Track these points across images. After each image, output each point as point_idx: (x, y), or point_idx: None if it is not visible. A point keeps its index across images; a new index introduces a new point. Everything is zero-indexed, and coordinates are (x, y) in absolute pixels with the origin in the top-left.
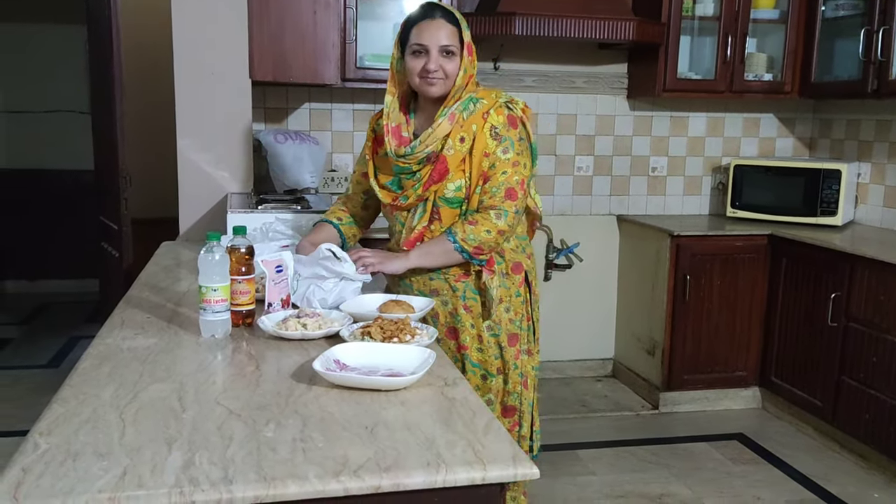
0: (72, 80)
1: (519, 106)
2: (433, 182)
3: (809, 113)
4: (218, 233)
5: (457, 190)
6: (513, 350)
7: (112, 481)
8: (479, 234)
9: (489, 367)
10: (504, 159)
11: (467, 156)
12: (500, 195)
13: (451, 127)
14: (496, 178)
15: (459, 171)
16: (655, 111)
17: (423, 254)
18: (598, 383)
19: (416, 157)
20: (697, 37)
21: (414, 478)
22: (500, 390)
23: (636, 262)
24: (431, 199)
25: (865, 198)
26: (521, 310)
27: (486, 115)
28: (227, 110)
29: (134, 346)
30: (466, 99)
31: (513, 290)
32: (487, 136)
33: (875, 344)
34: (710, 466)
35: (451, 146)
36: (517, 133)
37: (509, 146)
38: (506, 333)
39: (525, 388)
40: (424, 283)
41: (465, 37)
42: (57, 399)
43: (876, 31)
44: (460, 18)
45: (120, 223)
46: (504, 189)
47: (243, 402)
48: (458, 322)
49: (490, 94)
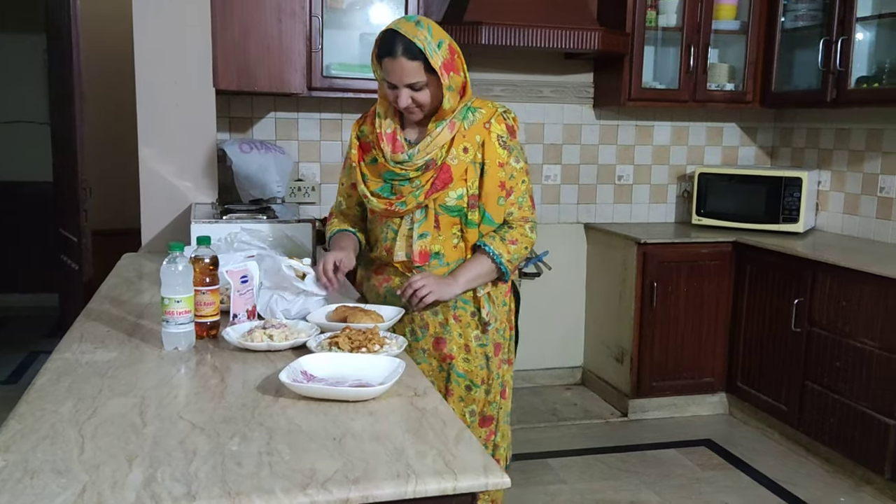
0: (31, 89)
1: (511, 116)
2: (436, 190)
3: (771, 122)
4: (181, 243)
5: (458, 198)
6: (497, 360)
7: (71, 499)
8: (520, 253)
9: (474, 377)
10: (518, 168)
11: (469, 166)
12: (528, 205)
13: (452, 135)
14: (518, 188)
15: (461, 181)
16: (621, 120)
17: (471, 279)
18: (568, 391)
19: (414, 165)
20: (661, 47)
21: (383, 489)
22: (482, 400)
23: (604, 270)
24: (432, 207)
25: (826, 205)
26: (506, 319)
27: (489, 125)
28: (191, 119)
29: (94, 360)
30: (464, 108)
31: (499, 300)
32: (497, 146)
33: (838, 349)
34: (679, 473)
35: (455, 155)
36: (517, 143)
37: (518, 155)
38: (492, 343)
39: (503, 397)
40: None
41: (434, 63)
42: (14, 415)
43: (834, 41)
44: (424, 47)
45: (80, 235)
46: (529, 198)
47: (207, 416)
48: (447, 332)
49: (486, 103)
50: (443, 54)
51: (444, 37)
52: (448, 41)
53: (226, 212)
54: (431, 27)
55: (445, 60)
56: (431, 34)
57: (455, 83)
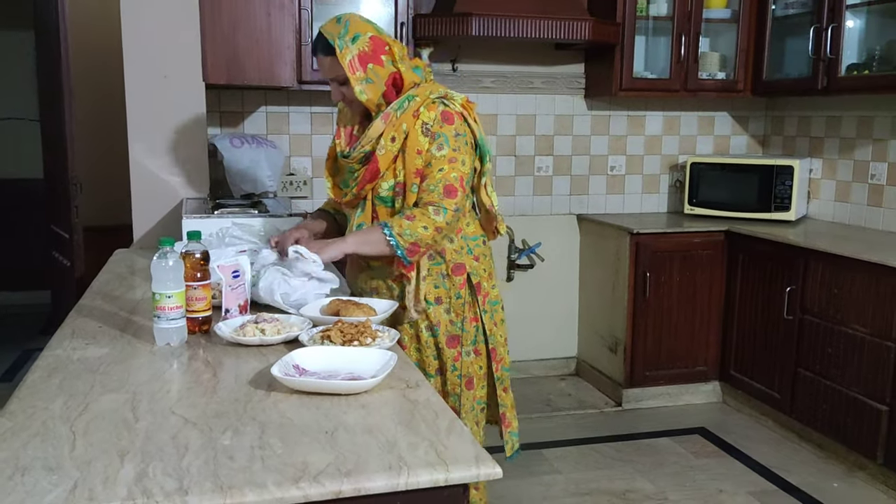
0: (20, 86)
1: (457, 101)
2: (366, 181)
3: (762, 111)
4: (171, 238)
5: (389, 189)
6: (451, 351)
7: (62, 495)
8: (415, 230)
9: (427, 367)
10: (439, 156)
11: (399, 154)
12: (439, 191)
13: (385, 126)
14: (433, 176)
15: (391, 171)
16: (612, 110)
17: (360, 242)
18: (562, 382)
19: (356, 157)
20: (652, 36)
21: (375, 481)
22: (440, 391)
23: (597, 260)
24: (370, 198)
25: (817, 193)
26: (463, 311)
27: (417, 113)
28: (181, 114)
29: (85, 356)
30: (403, 98)
31: (453, 292)
32: (419, 134)
33: (830, 336)
34: (673, 461)
35: (383, 146)
36: (453, 129)
37: (444, 142)
38: (444, 334)
39: (467, 388)
40: (366, 281)
41: (342, 59)
42: (4, 413)
43: (825, 28)
44: (334, 42)
45: (71, 231)
46: (442, 186)
47: (199, 411)
48: (397, 322)
49: (425, 90)
50: (358, 47)
51: (365, 30)
52: (371, 34)
53: (217, 206)
54: (350, 22)
55: (362, 53)
56: (348, 29)
57: (378, 74)
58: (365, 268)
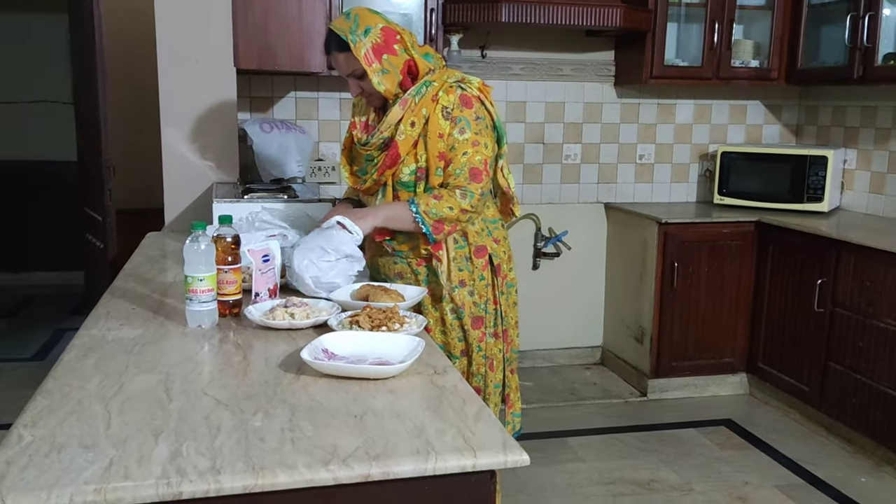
0: (54, 69)
1: (474, 85)
2: (386, 167)
3: (796, 100)
4: (203, 222)
5: (411, 174)
6: (476, 332)
7: (98, 473)
8: (441, 209)
9: (452, 349)
10: (462, 140)
11: (420, 139)
12: (465, 175)
13: (404, 112)
14: (458, 160)
15: (412, 156)
16: (642, 98)
17: (388, 217)
18: (587, 371)
19: (374, 144)
20: (684, 23)
21: (404, 466)
22: (465, 372)
23: (624, 249)
24: (390, 184)
25: (851, 184)
26: (486, 293)
27: (437, 98)
28: (212, 99)
29: (119, 336)
30: (420, 84)
31: (476, 274)
32: (440, 118)
33: (861, 329)
34: (699, 452)
35: (403, 131)
36: (473, 112)
37: (465, 126)
38: (469, 316)
39: (491, 370)
40: (389, 266)
41: (357, 52)
42: (41, 391)
43: (862, 17)
44: (347, 37)
45: (104, 214)
46: (468, 169)
47: (231, 392)
48: (422, 304)
49: (443, 75)
50: (371, 39)
51: (375, 22)
52: (381, 25)
53: (247, 191)
54: (359, 16)
55: (375, 44)
56: (358, 23)
57: (393, 64)
58: (386, 253)
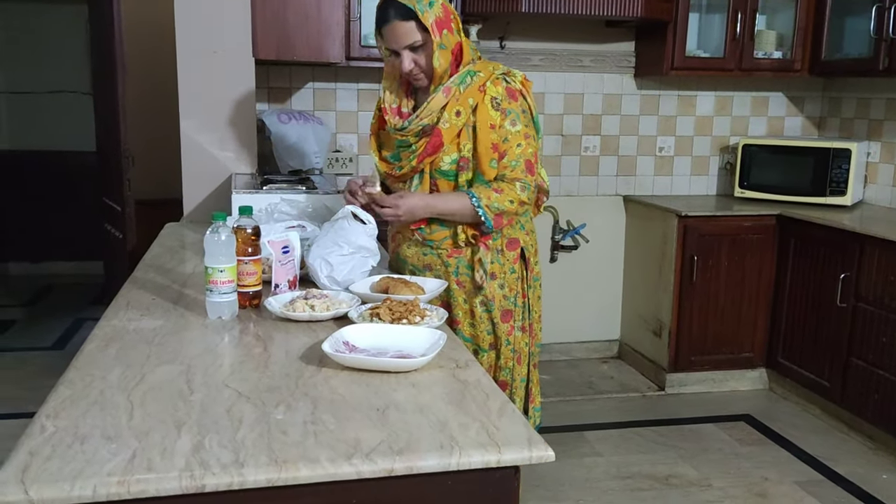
0: (73, 60)
1: (517, 78)
2: (427, 154)
3: (819, 91)
4: (224, 213)
5: (452, 163)
6: (505, 326)
7: (121, 464)
8: (503, 203)
9: (481, 342)
10: (514, 132)
11: (464, 129)
12: (521, 167)
13: (447, 100)
14: (513, 151)
15: (454, 145)
16: (663, 90)
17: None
18: (605, 364)
19: (412, 130)
20: (706, 14)
21: (427, 460)
22: (493, 365)
23: (643, 243)
24: (428, 171)
25: (875, 177)
26: (516, 286)
27: (484, 88)
28: (231, 90)
29: (140, 327)
30: (464, 73)
31: (507, 267)
32: (490, 108)
33: (884, 324)
34: (717, 447)
35: (447, 119)
36: (519, 105)
37: (516, 118)
38: (499, 309)
39: (518, 363)
40: (418, 258)
41: (426, 20)
42: (63, 381)
43: (888, 7)
44: (415, 6)
45: (123, 204)
46: (523, 161)
47: (252, 385)
48: (451, 297)
49: (487, 66)
50: (435, 12)
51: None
52: (442, 1)
53: (266, 182)
54: None
55: (438, 18)
56: None
57: (448, 42)
58: (414, 243)
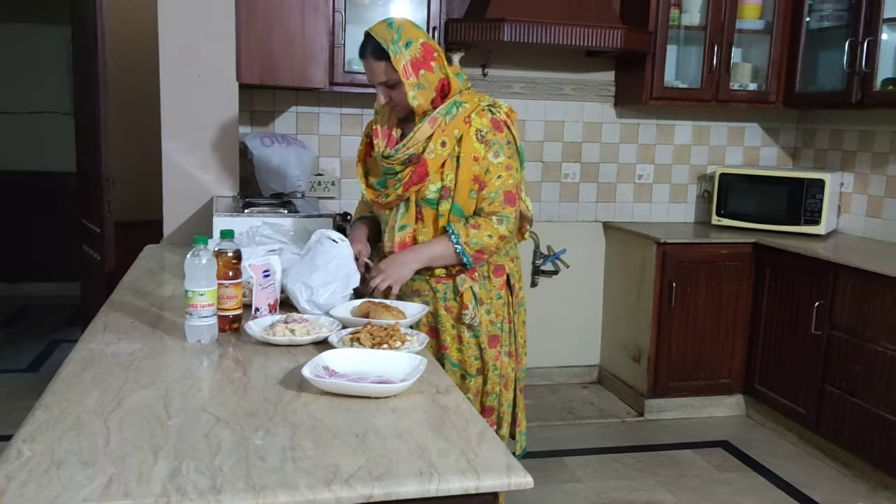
0: (54, 80)
1: (503, 110)
2: (413, 183)
3: (793, 123)
4: (205, 236)
5: (436, 192)
6: (493, 351)
7: (97, 490)
8: (481, 239)
9: (468, 367)
10: (497, 164)
11: (448, 159)
12: (500, 200)
13: (433, 130)
14: (492, 183)
15: (438, 174)
16: (642, 119)
17: (432, 258)
18: (584, 390)
19: (398, 159)
20: (684, 46)
21: (406, 486)
22: (480, 390)
23: (622, 268)
24: (413, 200)
25: (848, 207)
26: (503, 312)
27: (469, 120)
28: (214, 113)
29: (118, 351)
30: (450, 103)
31: (493, 293)
32: (474, 140)
33: (858, 352)
34: (695, 474)
35: (432, 150)
36: (504, 137)
37: (499, 150)
38: (486, 335)
39: (505, 388)
40: (406, 283)
41: (397, 64)
42: (40, 405)
43: (860, 42)
44: (388, 47)
45: (102, 226)
46: (502, 193)
47: (231, 409)
48: (439, 323)
49: (473, 97)
50: (411, 53)
51: (417, 36)
52: (422, 40)
53: (247, 205)
54: (402, 27)
55: (414, 59)
56: (400, 34)
57: (428, 81)
58: None
